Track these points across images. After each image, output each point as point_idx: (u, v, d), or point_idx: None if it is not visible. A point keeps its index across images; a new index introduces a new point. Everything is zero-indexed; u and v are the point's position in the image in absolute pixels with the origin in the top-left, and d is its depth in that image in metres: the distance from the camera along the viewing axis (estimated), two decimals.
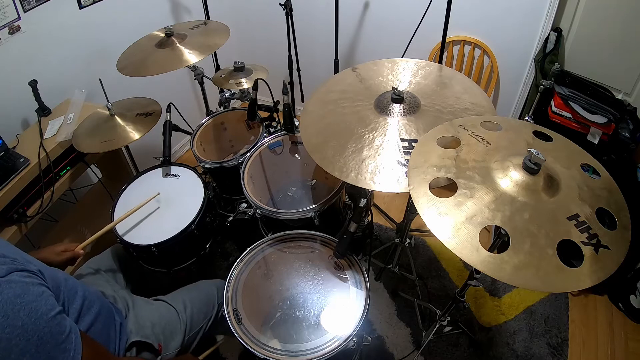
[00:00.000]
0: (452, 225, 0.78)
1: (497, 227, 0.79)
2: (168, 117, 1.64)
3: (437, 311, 1.48)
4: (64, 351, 0.72)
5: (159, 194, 1.46)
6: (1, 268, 0.70)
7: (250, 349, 1.02)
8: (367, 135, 1.07)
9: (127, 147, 1.72)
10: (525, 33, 1.86)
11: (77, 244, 1.21)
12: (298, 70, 2.24)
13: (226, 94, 1.83)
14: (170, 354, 1.15)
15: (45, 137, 1.52)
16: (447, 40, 1.70)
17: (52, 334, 0.70)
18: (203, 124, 1.73)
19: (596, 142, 1.58)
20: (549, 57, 1.79)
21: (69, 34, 1.72)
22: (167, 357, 1.13)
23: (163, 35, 1.64)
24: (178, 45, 1.58)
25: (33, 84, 1.54)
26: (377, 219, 2.16)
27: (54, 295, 0.77)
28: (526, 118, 1.27)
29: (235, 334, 1.04)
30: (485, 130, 0.98)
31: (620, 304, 1.73)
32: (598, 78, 1.73)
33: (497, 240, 1.05)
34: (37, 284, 0.74)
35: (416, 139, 1.04)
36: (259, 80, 1.50)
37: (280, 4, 1.96)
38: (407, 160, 0.97)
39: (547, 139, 0.97)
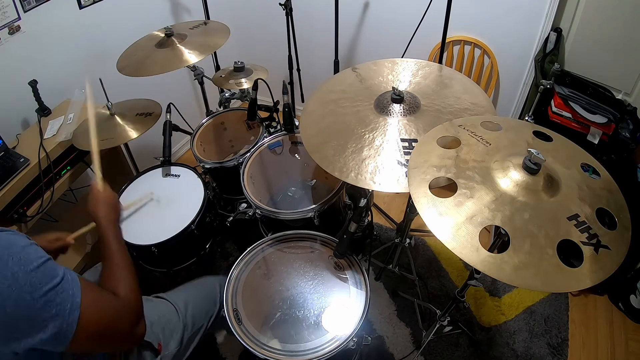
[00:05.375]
0: (452, 225, 0.78)
1: (497, 227, 0.79)
2: (168, 117, 1.64)
3: (437, 311, 1.48)
4: (62, 291, 0.71)
5: (152, 196, 1.45)
6: None
7: (250, 349, 1.02)
8: (367, 135, 1.07)
9: (127, 147, 1.72)
10: (525, 33, 1.86)
11: (68, 232, 1.20)
12: (298, 70, 2.24)
13: (226, 94, 1.83)
14: (170, 353, 1.14)
15: (45, 137, 1.52)
16: (447, 40, 1.70)
17: (45, 276, 0.69)
18: (203, 124, 1.73)
19: (596, 142, 1.58)
20: (549, 57, 1.79)
21: (69, 34, 1.71)
22: (167, 357, 1.13)
23: (163, 35, 1.63)
24: (178, 45, 1.58)
25: (33, 84, 1.54)
26: (377, 219, 2.16)
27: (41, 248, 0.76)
28: (526, 118, 1.27)
29: (235, 334, 1.04)
30: (485, 130, 0.98)
31: (620, 304, 1.73)
32: (598, 78, 1.72)
33: (497, 240, 1.05)
34: (24, 237, 0.73)
35: (416, 139, 1.04)
36: (259, 80, 1.50)
37: (280, 4, 1.96)
38: (407, 160, 0.97)
39: (547, 139, 0.97)
